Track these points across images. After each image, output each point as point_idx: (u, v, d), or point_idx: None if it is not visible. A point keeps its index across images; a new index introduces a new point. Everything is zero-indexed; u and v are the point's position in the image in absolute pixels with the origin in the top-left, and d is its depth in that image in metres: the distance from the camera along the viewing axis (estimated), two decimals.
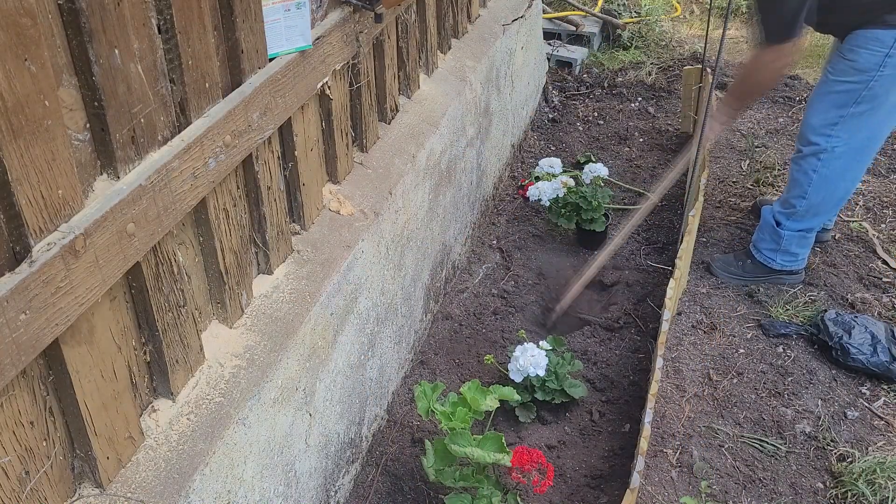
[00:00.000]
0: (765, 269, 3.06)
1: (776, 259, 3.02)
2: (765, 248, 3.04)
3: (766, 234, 3.04)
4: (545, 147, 4.21)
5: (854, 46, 2.61)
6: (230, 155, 1.66)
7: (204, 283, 1.74)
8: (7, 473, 1.23)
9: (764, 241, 3.05)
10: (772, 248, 3.02)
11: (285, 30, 1.83)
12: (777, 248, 3.00)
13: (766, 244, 3.03)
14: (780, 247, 2.99)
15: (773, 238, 3.00)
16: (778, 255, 3.01)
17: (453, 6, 3.15)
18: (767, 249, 3.03)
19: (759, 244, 3.07)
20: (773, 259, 3.03)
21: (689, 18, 5.64)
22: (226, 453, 1.61)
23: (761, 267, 3.07)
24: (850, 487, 2.31)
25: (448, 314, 3.02)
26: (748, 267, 3.10)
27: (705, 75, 3.87)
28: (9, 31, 1.09)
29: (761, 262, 3.06)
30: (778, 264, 3.03)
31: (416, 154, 2.60)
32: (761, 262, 3.06)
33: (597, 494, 2.34)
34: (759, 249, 3.06)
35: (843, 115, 2.68)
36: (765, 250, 3.04)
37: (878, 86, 2.59)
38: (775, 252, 3.01)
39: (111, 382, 1.42)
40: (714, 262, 3.18)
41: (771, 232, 3.01)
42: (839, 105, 2.69)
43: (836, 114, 2.70)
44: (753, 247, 3.10)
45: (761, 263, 3.06)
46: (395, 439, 2.51)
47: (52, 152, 1.21)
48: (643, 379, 2.71)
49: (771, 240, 3.01)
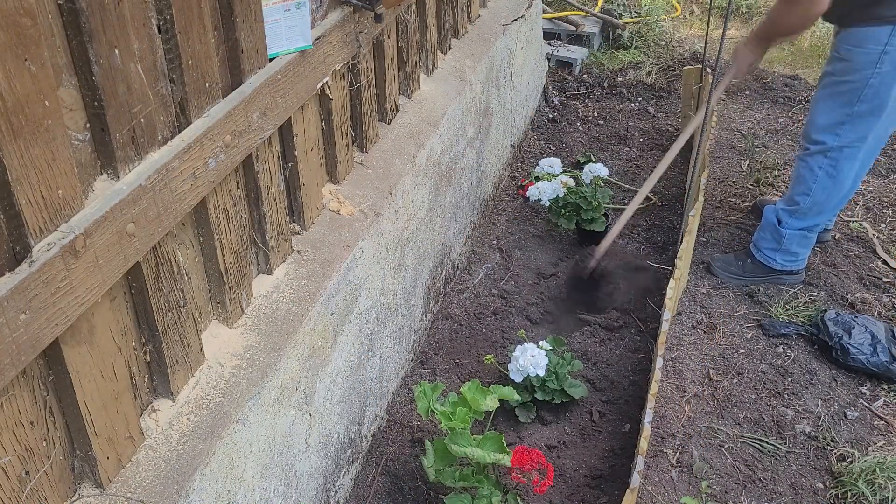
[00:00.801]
0: (765, 269, 3.06)
1: (777, 259, 3.02)
2: (765, 248, 3.04)
3: (767, 233, 3.04)
4: (545, 147, 4.21)
5: (849, 46, 2.61)
6: (230, 155, 1.66)
7: (204, 283, 1.74)
8: (7, 473, 1.23)
9: (765, 240, 3.05)
10: (773, 247, 3.02)
11: (285, 30, 1.83)
12: (778, 248, 3.00)
13: (767, 243, 3.03)
14: (781, 246, 2.99)
15: (775, 237, 3.00)
16: (779, 254, 3.01)
17: (453, 6, 3.15)
18: (768, 249, 3.03)
19: (760, 243, 3.07)
20: (774, 259, 3.03)
21: (689, 18, 5.63)
22: (226, 453, 1.61)
23: (762, 267, 3.07)
24: (850, 487, 2.31)
25: (448, 314, 3.02)
26: (748, 267, 3.10)
27: (705, 75, 3.86)
28: (9, 31, 1.09)
29: (762, 261, 3.06)
30: (778, 264, 3.03)
31: (416, 154, 2.60)
32: (762, 262, 3.06)
33: (597, 494, 2.34)
34: (760, 249, 3.06)
35: (849, 113, 2.67)
36: (765, 250, 3.04)
37: (877, 83, 2.59)
38: (776, 251, 3.01)
39: (111, 382, 1.42)
40: (714, 261, 3.18)
41: (772, 231, 3.01)
42: (843, 104, 2.68)
43: (841, 112, 2.70)
44: (754, 246, 3.10)
45: (762, 263, 3.06)
46: (395, 439, 2.51)
47: (52, 152, 1.21)
48: (643, 379, 2.71)
49: (772, 239, 3.01)
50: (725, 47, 4.86)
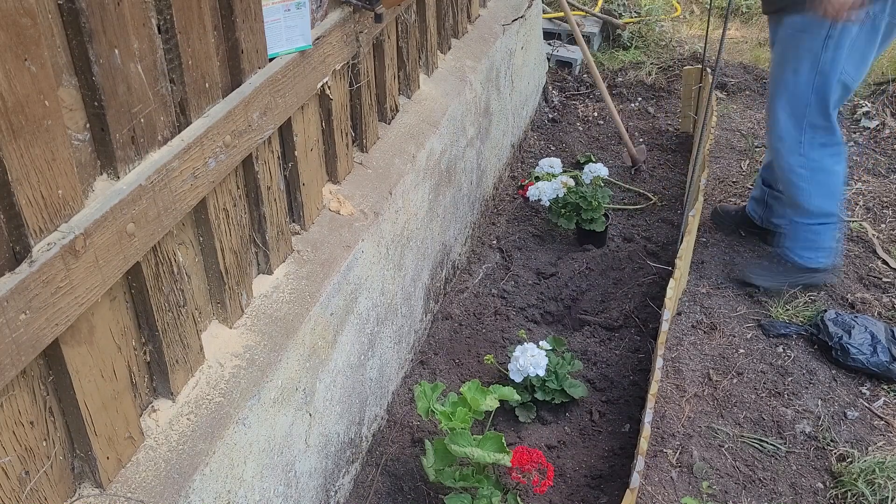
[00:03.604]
0: (806, 270, 3.00)
1: (816, 257, 2.97)
2: (801, 251, 2.97)
3: (798, 235, 2.96)
4: (545, 147, 4.21)
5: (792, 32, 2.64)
6: (230, 155, 1.66)
7: (204, 283, 1.75)
8: (7, 473, 1.23)
9: (797, 242, 2.97)
10: (809, 246, 2.96)
11: (285, 30, 1.83)
12: (815, 246, 2.95)
13: (802, 246, 2.97)
14: (817, 244, 2.94)
15: (809, 237, 2.94)
16: (817, 253, 2.96)
17: (453, 6, 3.15)
18: (804, 250, 2.97)
19: (794, 248, 2.99)
20: (813, 258, 2.97)
21: (689, 18, 5.63)
22: (226, 453, 1.61)
23: (802, 269, 2.99)
24: (849, 487, 2.31)
25: (448, 314, 3.02)
26: (791, 271, 3.02)
27: (705, 75, 3.87)
28: (9, 31, 1.09)
29: (802, 263, 2.98)
30: (818, 262, 2.97)
31: (416, 154, 2.60)
32: (802, 265, 2.98)
33: (597, 494, 2.34)
34: (795, 252, 2.99)
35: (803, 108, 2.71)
36: (801, 251, 2.97)
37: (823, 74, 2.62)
38: (814, 251, 2.96)
39: (111, 382, 1.42)
40: (752, 272, 3.08)
41: (804, 232, 2.94)
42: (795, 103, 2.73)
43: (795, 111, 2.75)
44: (789, 252, 3.01)
45: (802, 266, 2.99)
46: (395, 439, 2.51)
47: (52, 152, 1.21)
48: (643, 379, 2.71)
49: (806, 239, 2.95)
50: (725, 47, 4.86)
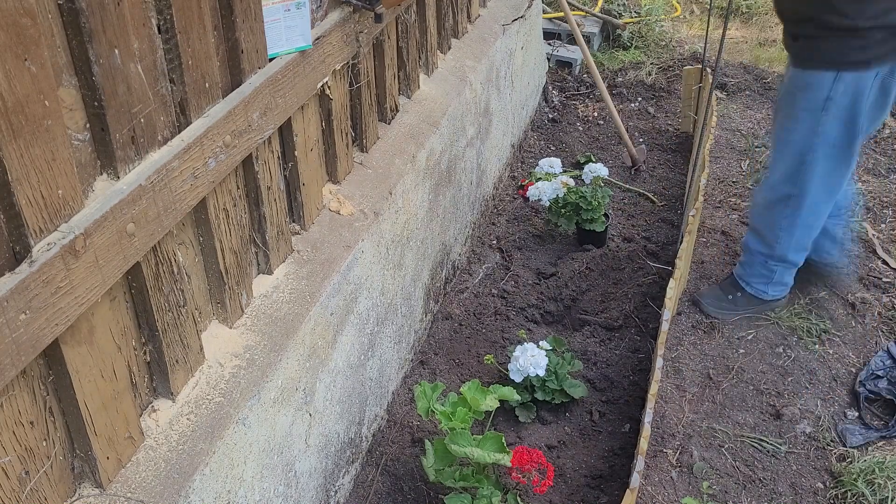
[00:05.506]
0: (757, 301, 2.92)
1: (768, 291, 2.90)
2: (756, 283, 2.90)
3: (755, 268, 2.89)
4: (545, 147, 4.21)
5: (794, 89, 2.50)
6: (230, 155, 1.66)
7: (204, 283, 1.75)
8: (7, 473, 1.23)
9: (753, 275, 2.90)
10: (763, 281, 2.89)
11: (285, 30, 1.83)
12: (769, 281, 2.88)
13: (757, 278, 2.89)
14: (773, 280, 2.87)
15: (764, 272, 2.87)
16: (770, 286, 2.89)
17: (453, 6, 3.15)
18: (759, 283, 2.90)
19: (749, 279, 2.91)
20: (766, 291, 2.90)
21: (689, 18, 5.63)
22: (226, 453, 1.61)
23: (753, 299, 2.92)
24: (849, 487, 2.31)
25: (448, 314, 3.02)
26: (740, 301, 2.94)
27: (705, 75, 3.86)
28: (9, 31, 1.09)
29: (753, 294, 2.91)
30: (770, 295, 2.91)
31: (416, 154, 2.60)
32: (753, 295, 2.92)
33: (597, 494, 2.34)
34: (749, 283, 2.92)
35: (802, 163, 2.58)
36: (756, 284, 2.90)
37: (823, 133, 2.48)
38: (767, 285, 2.89)
39: (111, 382, 1.42)
40: (703, 298, 3.00)
41: (761, 266, 2.86)
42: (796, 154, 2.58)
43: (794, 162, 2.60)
44: (741, 280, 2.94)
45: (753, 296, 2.92)
46: (395, 439, 2.51)
47: (52, 152, 1.21)
48: (643, 379, 2.71)
49: (761, 274, 2.88)
50: (725, 47, 4.86)
